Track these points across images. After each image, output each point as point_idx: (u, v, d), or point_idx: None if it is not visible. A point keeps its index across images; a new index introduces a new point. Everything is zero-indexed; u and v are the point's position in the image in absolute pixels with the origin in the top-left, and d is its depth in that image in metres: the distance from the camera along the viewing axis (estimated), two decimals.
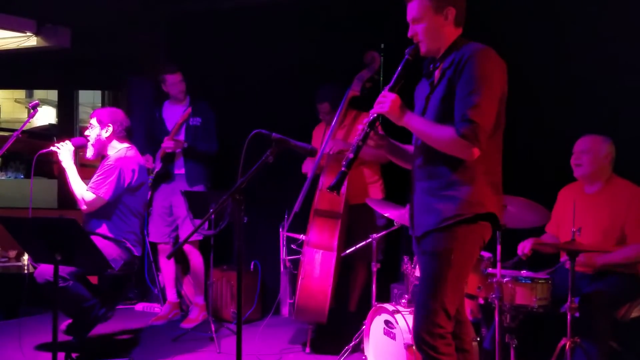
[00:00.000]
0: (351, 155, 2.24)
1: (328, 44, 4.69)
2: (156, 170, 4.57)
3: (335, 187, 2.24)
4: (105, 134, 3.68)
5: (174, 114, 4.66)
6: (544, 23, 3.96)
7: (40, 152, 3.52)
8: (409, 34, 2.29)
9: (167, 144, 4.47)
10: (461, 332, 2.36)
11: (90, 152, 3.70)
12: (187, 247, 4.61)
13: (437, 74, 2.26)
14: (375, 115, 2.24)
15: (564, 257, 3.27)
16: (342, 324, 4.02)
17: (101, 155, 3.71)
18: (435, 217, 2.20)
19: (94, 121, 3.71)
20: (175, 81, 4.62)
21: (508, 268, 3.22)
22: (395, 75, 2.27)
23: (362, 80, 3.93)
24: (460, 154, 2.13)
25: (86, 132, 3.73)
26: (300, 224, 4.07)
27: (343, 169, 2.24)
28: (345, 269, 4.10)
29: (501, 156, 2.29)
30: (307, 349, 3.92)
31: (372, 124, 2.25)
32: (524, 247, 3.25)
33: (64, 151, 3.58)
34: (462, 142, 2.09)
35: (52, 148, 3.57)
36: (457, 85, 2.13)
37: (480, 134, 2.08)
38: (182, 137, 4.57)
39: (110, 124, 3.68)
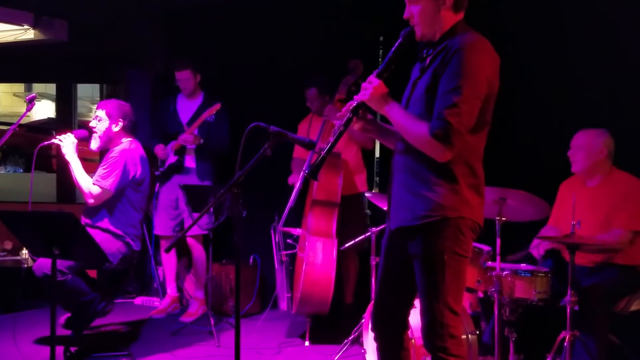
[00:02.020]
0: (331, 140, 2.18)
1: (327, 36, 4.67)
2: (169, 162, 4.55)
3: (313, 173, 2.16)
4: (115, 128, 3.66)
5: (188, 107, 4.64)
6: (545, 14, 3.94)
7: (42, 144, 3.47)
8: (405, 16, 2.19)
9: (187, 138, 4.43)
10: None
11: (95, 144, 3.66)
12: (190, 242, 4.60)
13: (428, 60, 2.16)
14: (359, 101, 2.17)
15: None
16: (340, 316, 4.04)
17: (106, 148, 3.68)
18: (406, 214, 2.13)
19: (102, 114, 3.65)
20: (182, 78, 4.59)
21: (514, 261, 3.20)
22: (386, 60, 2.18)
23: (347, 84, 4.05)
24: (432, 154, 2.04)
25: (91, 124, 3.68)
26: (295, 219, 4.09)
27: (323, 153, 2.16)
28: (337, 260, 4.13)
29: (482, 156, 2.18)
30: (307, 341, 3.92)
31: (355, 110, 2.18)
32: (539, 250, 3.25)
33: (67, 144, 3.52)
34: (433, 143, 2.00)
35: (53, 140, 3.53)
36: (441, 79, 2.04)
37: (454, 137, 1.98)
38: (195, 131, 4.54)
39: (121, 119, 3.66)
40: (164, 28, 5.45)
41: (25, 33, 5.54)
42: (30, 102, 3.52)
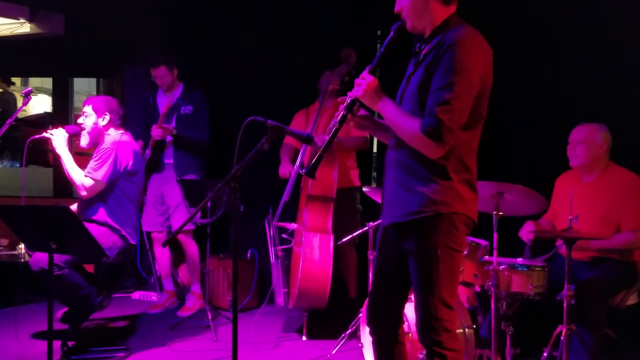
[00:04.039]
0: (327, 138, 2.17)
1: (324, 31, 4.66)
2: (146, 157, 4.52)
3: (311, 172, 2.17)
4: (102, 122, 3.67)
5: (165, 100, 4.61)
6: (540, 9, 3.93)
7: (33, 137, 3.47)
8: (396, 9, 2.19)
9: (155, 132, 4.39)
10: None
11: (85, 141, 3.67)
12: (181, 237, 4.58)
13: (421, 55, 2.15)
14: (353, 98, 2.16)
15: (559, 242, 3.27)
16: (344, 311, 4.01)
17: (96, 143, 3.68)
18: (399, 210, 2.13)
19: (88, 109, 3.68)
20: (157, 75, 4.54)
21: (529, 258, 3.20)
22: (378, 55, 2.18)
23: (341, 74, 4.01)
24: (423, 151, 2.04)
25: (79, 120, 3.69)
26: (289, 214, 4.08)
27: (319, 152, 2.16)
28: (335, 255, 4.11)
29: (476, 151, 2.17)
30: (304, 336, 3.93)
31: (349, 107, 2.18)
32: (528, 234, 3.24)
33: (58, 138, 3.54)
34: (424, 140, 2.00)
35: (44, 134, 3.53)
36: (434, 75, 2.01)
37: (445, 134, 1.97)
38: (172, 124, 4.51)
39: (107, 113, 3.66)
40: (161, 21, 5.42)
41: (21, 27, 5.51)
42: (27, 97, 3.52)
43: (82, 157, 3.74)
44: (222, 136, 4.60)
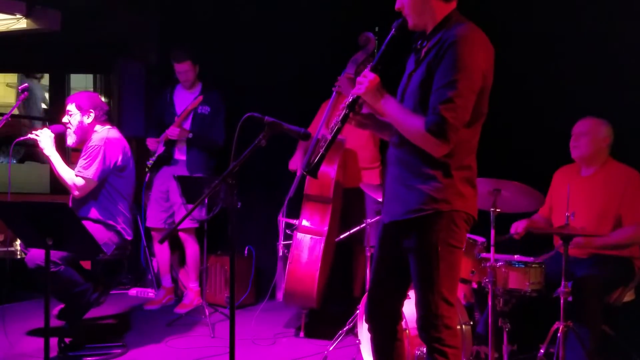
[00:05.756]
0: (329, 137, 2.17)
1: (322, 29, 4.64)
2: (158, 153, 4.51)
3: (312, 171, 2.16)
4: (87, 120, 3.63)
5: (184, 98, 4.60)
6: (540, 6, 3.93)
7: (18, 139, 3.45)
8: (396, 7, 2.19)
9: (172, 132, 4.39)
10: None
11: (72, 140, 3.63)
12: (183, 236, 4.58)
13: (423, 52, 2.15)
14: (355, 96, 2.16)
15: (558, 243, 3.28)
16: (347, 309, 4.00)
17: (84, 141, 3.64)
18: (400, 208, 2.14)
19: (72, 107, 3.62)
20: (181, 70, 4.53)
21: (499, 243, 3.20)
22: (379, 53, 2.18)
23: (357, 62, 3.85)
24: (428, 149, 2.04)
25: (64, 119, 3.64)
26: (296, 209, 4.07)
27: (321, 151, 2.15)
28: (345, 254, 4.09)
29: (476, 149, 2.18)
30: (301, 334, 3.93)
31: (351, 106, 2.18)
32: (517, 227, 3.25)
33: (44, 138, 3.49)
34: (428, 138, 2.00)
35: (29, 135, 3.49)
36: (436, 73, 2.03)
37: (449, 132, 1.98)
38: (188, 123, 4.49)
39: (91, 110, 3.63)
40: (158, 17, 5.40)
41: (17, 22, 5.47)
42: (23, 92, 3.50)
43: (79, 153, 3.71)
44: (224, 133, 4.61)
